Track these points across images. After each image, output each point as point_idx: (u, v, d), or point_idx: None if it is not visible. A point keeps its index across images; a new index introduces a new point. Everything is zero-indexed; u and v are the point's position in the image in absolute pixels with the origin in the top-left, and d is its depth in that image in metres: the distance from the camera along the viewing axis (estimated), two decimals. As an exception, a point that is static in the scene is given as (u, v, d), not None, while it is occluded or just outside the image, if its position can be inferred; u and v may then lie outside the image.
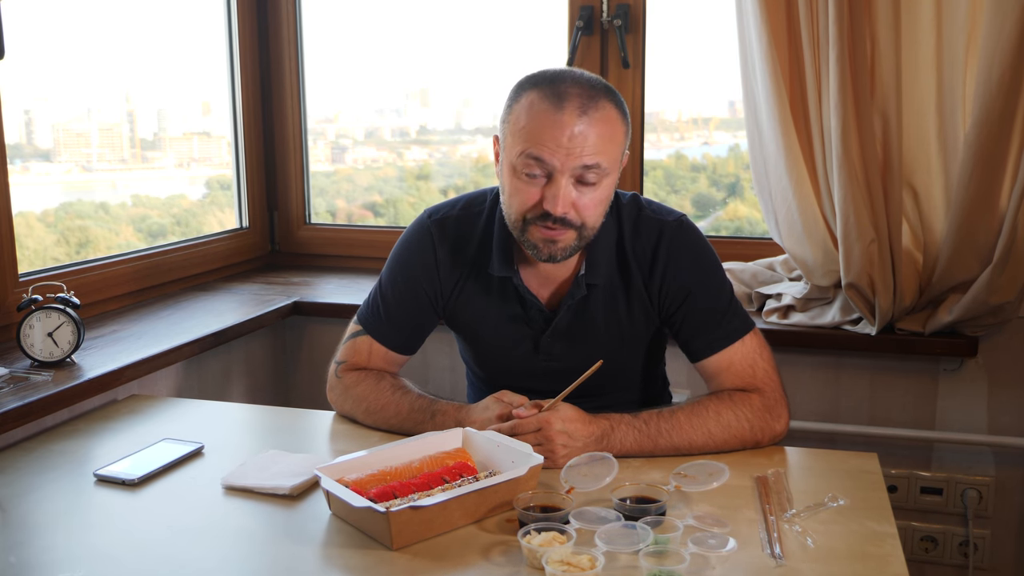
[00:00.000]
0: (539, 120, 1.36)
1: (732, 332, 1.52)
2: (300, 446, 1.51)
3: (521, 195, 1.40)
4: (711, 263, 1.56)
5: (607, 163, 1.39)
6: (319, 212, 2.78)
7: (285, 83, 2.64)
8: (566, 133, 1.35)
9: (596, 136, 1.36)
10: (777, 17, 1.90)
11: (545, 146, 1.35)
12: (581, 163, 1.36)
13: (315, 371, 2.46)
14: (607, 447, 1.40)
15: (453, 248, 1.58)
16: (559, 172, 1.37)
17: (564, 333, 1.57)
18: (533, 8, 2.52)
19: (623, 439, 1.41)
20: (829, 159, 1.90)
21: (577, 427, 1.38)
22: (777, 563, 1.10)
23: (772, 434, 1.48)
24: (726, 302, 1.54)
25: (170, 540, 1.19)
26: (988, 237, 1.85)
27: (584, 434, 1.38)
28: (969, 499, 2.09)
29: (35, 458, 1.46)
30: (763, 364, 1.52)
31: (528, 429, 1.36)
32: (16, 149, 2.03)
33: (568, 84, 1.38)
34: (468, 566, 1.11)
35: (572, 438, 1.37)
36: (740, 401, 1.46)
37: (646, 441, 1.42)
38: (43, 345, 1.66)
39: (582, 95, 1.37)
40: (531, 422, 1.37)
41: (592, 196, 1.40)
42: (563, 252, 1.43)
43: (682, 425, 1.43)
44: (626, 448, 1.41)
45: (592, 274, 1.52)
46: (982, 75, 1.78)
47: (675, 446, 1.43)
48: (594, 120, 1.36)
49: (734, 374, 1.51)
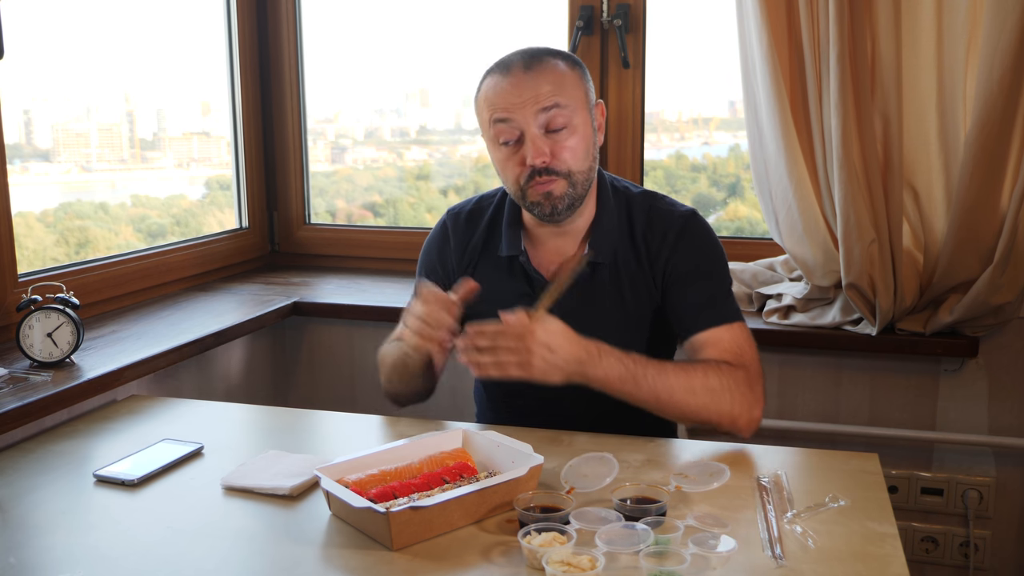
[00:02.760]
0: (494, 90, 1.50)
1: (724, 316, 1.54)
2: (300, 446, 1.51)
3: (509, 164, 1.51)
4: (716, 253, 1.60)
5: (565, 100, 1.47)
6: (319, 212, 2.78)
7: (285, 83, 2.64)
8: (517, 89, 1.47)
9: (546, 82, 1.47)
10: (777, 17, 1.90)
11: (504, 108, 1.47)
12: (539, 107, 1.46)
13: (315, 371, 2.45)
14: (589, 372, 1.38)
15: (465, 234, 1.69)
16: (525, 124, 1.47)
17: (568, 311, 1.57)
18: (533, 8, 2.51)
19: (607, 369, 1.39)
20: (829, 159, 1.90)
21: (561, 342, 1.35)
22: (778, 564, 1.10)
23: (749, 415, 1.46)
24: (725, 290, 1.58)
25: (170, 540, 1.19)
26: (989, 237, 1.85)
27: (566, 352, 1.36)
28: (970, 500, 2.09)
29: (35, 459, 1.46)
30: (750, 352, 1.52)
31: (510, 335, 1.34)
32: (15, 149, 2.03)
33: (512, 56, 1.51)
34: (468, 567, 1.10)
35: (553, 352, 1.34)
36: (728, 371, 1.46)
37: (628, 378, 1.40)
38: (42, 345, 1.66)
39: (524, 56, 1.50)
40: (515, 326, 1.34)
41: (567, 141, 1.48)
42: (562, 202, 1.50)
43: (668, 375, 1.42)
44: (608, 380, 1.39)
45: (596, 252, 1.57)
46: (983, 75, 1.78)
47: (656, 393, 1.41)
48: (539, 71, 1.47)
49: (722, 349, 1.51)
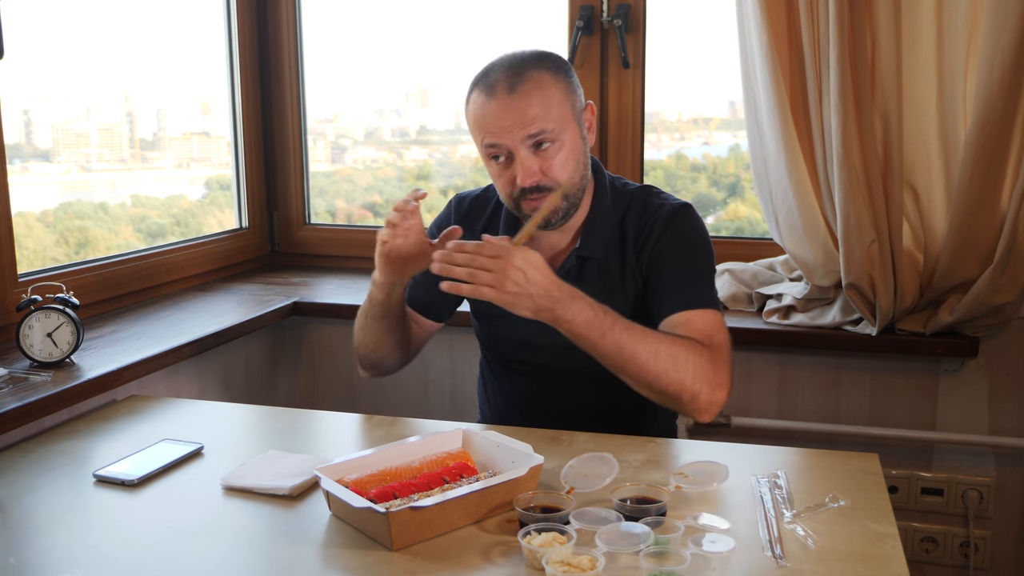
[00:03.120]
0: (480, 112, 1.51)
1: (701, 300, 1.53)
2: (300, 446, 1.50)
3: (501, 179, 1.54)
4: (700, 241, 1.59)
5: (551, 125, 1.48)
6: (319, 212, 2.78)
7: (285, 83, 2.64)
8: (502, 115, 1.47)
9: (530, 106, 1.47)
10: (777, 17, 1.90)
11: (492, 132, 1.49)
12: (525, 134, 1.47)
13: (315, 371, 2.45)
14: (558, 312, 1.37)
15: (467, 218, 1.72)
16: (514, 147, 1.48)
17: None
18: (533, 8, 2.51)
19: (576, 313, 1.38)
20: (830, 159, 1.90)
21: (536, 274, 1.35)
22: (778, 564, 1.10)
23: (711, 397, 1.44)
24: (705, 278, 1.58)
25: (170, 541, 1.18)
26: (989, 237, 1.85)
27: (540, 284, 1.35)
28: (970, 500, 2.09)
29: (34, 459, 1.46)
30: (719, 337, 1.50)
31: (488, 253, 1.34)
32: (15, 149, 2.03)
33: (496, 71, 1.51)
34: (468, 567, 1.10)
35: (528, 281, 1.34)
36: (695, 347, 1.45)
37: (596, 326, 1.39)
38: (42, 345, 1.66)
39: (508, 75, 1.49)
40: (495, 247, 1.34)
41: (556, 157, 1.50)
42: (554, 215, 1.53)
43: (635, 333, 1.41)
44: (576, 325, 1.38)
45: (585, 247, 1.59)
46: (983, 76, 1.78)
47: (620, 347, 1.40)
48: (523, 93, 1.47)
49: (692, 329, 1.49)
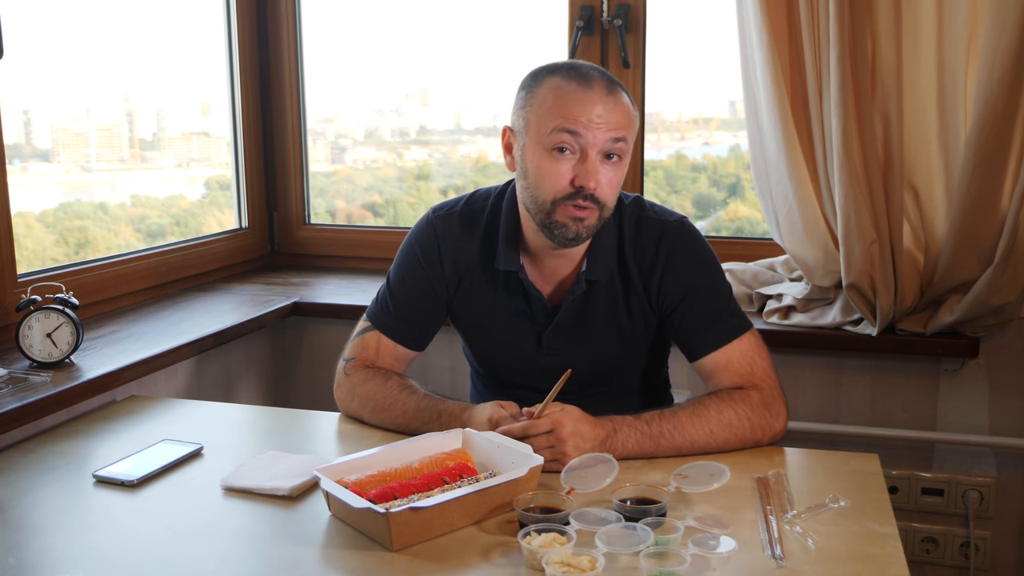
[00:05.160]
0: (569, 97, 1.42)
1: (730, 331, 1.53)
2: (300, 447, 1.50)
3: (552, 176, 1.44)
4: (710, 264, 1.57)
5: (630, 139, 1.46)
6: (319, 212, 2.78)
7: (285, 83, 2.63)
8: (596, 109, 1.41)
9: (620, 114, 1.43)
10: (778, 17, 1.90)
11: (578, 120, 1.41)
12: (611, 135, 1.42)
13: (315, 372, 2.45)
14: (610, 447, 1.39)
15: (457, 243, 1.61)
16: (590, 146, 1.42)
17: (566, 329, 1.58)
18: (533, 8, 2.51)
19: (625, 441, 1.41)
20: (830, 159, 1.90)
21: (586, 428, 1.37)
22: (778, 564, 1.10)
23: (772, 432, 1.48)
24: (725, 302, 1.56)
25: (169, 541, 1.18)
26: (989, 237, 1.85)
27: (592, 437, 1.38)
28: (970, 500, 2.08)
29: (34, 459, 1.45)
30: (761, 363, 1.52)
31: (540, 430, 1.35)
32: (15, 149, 2.03)
33: (589, 69, 1.46)
34: (468, 567, 1.10)
35: (583, 439, 1.36)
36: (740, 399, 1.46)
37: (648, 442, 1.42)
38: (42, 346, 1.66)
39: (604, 78, 1.45)
40: (544, 423, 1.36)
41: (613, 176, 1.46)
42: (587, 231, 1.47)
43: (684, 425, 1.43)
44: (628, 450, 1.41)
45: (593, 271, 1.55)
46: (983, 75, 1.78)
47: (677, 446, 1.42)
48: (618, 100, 1.44)
49: (732, 371, 1.51)
